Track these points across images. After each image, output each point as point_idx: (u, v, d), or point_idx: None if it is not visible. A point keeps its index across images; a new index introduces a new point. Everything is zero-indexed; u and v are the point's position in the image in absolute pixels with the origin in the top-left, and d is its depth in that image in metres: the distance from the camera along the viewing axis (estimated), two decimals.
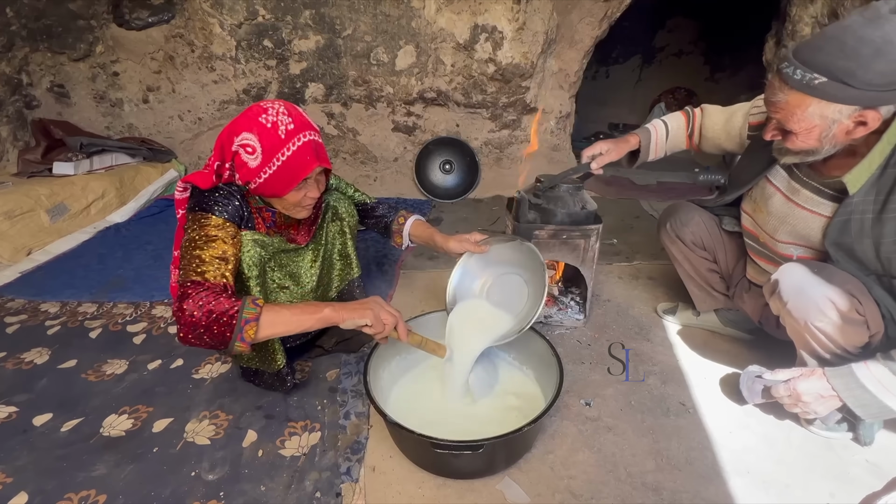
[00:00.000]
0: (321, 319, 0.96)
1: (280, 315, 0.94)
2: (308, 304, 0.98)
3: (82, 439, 1.09)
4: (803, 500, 0.95)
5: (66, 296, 1.72)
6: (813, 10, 2.28)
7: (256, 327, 0.90)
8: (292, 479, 0.99)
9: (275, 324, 0.93)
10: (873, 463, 1.03)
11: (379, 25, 2.51)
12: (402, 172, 2.88)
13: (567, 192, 1.39)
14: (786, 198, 1.10)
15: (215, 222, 0.99)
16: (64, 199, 2.24)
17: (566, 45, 2.74)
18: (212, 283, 0.93)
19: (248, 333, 0.90)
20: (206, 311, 0.88)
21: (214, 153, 1.03)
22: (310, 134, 1.02)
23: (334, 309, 0.97)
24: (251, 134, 0.97)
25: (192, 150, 2.93)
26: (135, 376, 1.30)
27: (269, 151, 0.98)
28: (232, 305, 0.90)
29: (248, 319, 0.90)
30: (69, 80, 2.75)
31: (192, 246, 0.96)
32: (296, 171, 1.00)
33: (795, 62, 0.84)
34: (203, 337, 0.89)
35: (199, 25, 2.55)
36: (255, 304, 0.92)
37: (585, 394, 1.23)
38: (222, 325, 0.88)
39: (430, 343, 1.11)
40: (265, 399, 1.20)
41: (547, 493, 0.96)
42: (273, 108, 1.00)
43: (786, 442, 1.09)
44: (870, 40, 0.76)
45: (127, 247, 2.13)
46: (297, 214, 1.10)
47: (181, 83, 2.73)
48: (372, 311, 0.98)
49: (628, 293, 1.74)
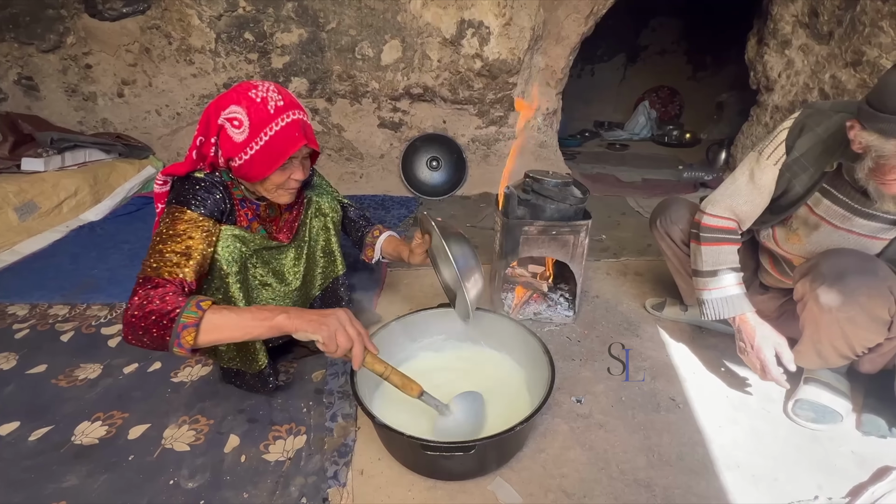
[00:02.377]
0: (273, 328, 0.85)
1: (225, 320, 0.84)
2: (262, 309, 0.87)
3: (52, 448, 1.03)
4: (792, 493, 0.96)
5: (36, 297, 1.64)
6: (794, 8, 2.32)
7: (196, 333, 0.82)
8: (277, 485, 0.95)
9: (219, 329, 0.84)
10: (858, 454, 1.05)
11: (364, 19, 2.46)
12: (389, 169, 2.84)
13: (556, 188, 1.38)
14: (834, 227, 1.07)
15: (189, 217, 0.95)
16: (33, 196, 2.14)
17: (553, 42, 2.74)
18: (165, 279, 0.88)
19: (185, 339, 0.82)
20: (147, 312, 0.82)
21: (199, 128, 0.99)
22: (299, 113, 0.99)
23: (289, 317, 0.85)
24: (239, 107, 0.94)
25: (170, 146, 2.84)
26: (109, 381, 1.25)
27: (257, 126, 0.94)
28: (174, 307, 0.83)
29: (187, 324, 0.82)
30: (38, 72, 2.63)
31: (157, 240, 0.92)
32: (283, 148, 0.96)
33: None
34: (143, 339, 0.83)
35: (177, 17, 2.46)
36: (198, 306, 0.84)
37: (576, 391, 1.22)
38: (161, 327, 0.82)
39: (396, 375, 0.92)
40: (248, 402, 1.16)
41: (539, 493, 0.95)
42: (263, 85, 0.97)
43: (773, 435, 1.10)
44: None
45: (101, 246, 2.04)
46: (279, 199, 1.06)
47: (158, 77, 2.64)
48: (328, 327, 0.85)
49: (616, 289, 1.74)
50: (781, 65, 2.44)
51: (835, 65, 2.11)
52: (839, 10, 2.07)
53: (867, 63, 1.92)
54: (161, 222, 0.96)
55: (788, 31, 2.37)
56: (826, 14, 2.13)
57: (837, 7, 2.07)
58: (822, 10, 2.15)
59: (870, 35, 1.88)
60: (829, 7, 2.11)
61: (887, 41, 1.83)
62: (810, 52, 2.27)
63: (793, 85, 2.37)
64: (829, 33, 2.15)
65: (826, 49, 2.17)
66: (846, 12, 2.03)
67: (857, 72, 1.98)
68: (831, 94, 2.12)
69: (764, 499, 0.95)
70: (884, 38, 1.84)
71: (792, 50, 2.37)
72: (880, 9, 1.84)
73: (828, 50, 2.16)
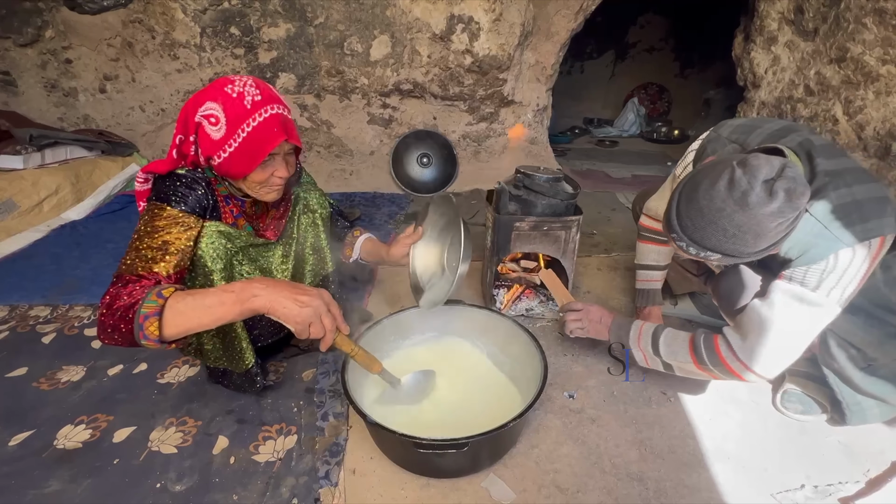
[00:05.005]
0: (244, 311, 0.79)
1: (187, 306, 0.78)
2: (233, 289, 0.80)
3: (33, 453, 1.00)
4: (781, 483, 0.97)
5: (15, 299, 1.59)
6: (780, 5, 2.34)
7: (159, 322, 0.77)
8: (267, 486, 0.94)
9: (183, 315, 0.78)
10: (845, 444, 1.07)
11: (352, 14, 2.43)
12: (379, 166, 2.82)
13: (547, 184, 1.38)
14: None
15: (168, 213, 0.92)
16: (12, 194, 2.08)
17: (542, 38, 2.74)
18: (138, 275, 0.85)
19: (149, 329, 0.76)
20: (114, 308, 0.79)
21: (178, 126, 0.96)
22: (278, 107, 0.96)
23: (267, 298, 0.80)
24: (215, 104, 0.91)
25: (154, 142, 2.78)
26: (93, 383, 1.21)
27: (234, 122, 0.91)
28: (138, 299, 0.78)
29: (148, 314, 0.77)
30: (15, 66, 2.55)
31: (135, 237, 0.90)
32: (261, 144, 0.93)
33: (686, 239, 0.86)
34: (114, 336, 0.79)
35: (160, 10, 2.41)
36: (158, 295, 0.79)
37: (568, 386, 1.23)
38: (127, 321, 0.77)
39: (360, 355, 0.96)
40: (237, 402, 1.14)
41: (533, 489, 0.95)
42: (241, 80, 0.94)
43: (762, 427, 1.11)
44: (748, 228, 0.79)
45: (84, 246, 1.99)
46: (264, 196, 1.03)
47: (141, 72, 2.58)
48: (303, 316, 0.80)
49: (608, 284, 1.75)
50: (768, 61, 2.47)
51: (820, 61, 2.14)
52: (824, 6, 2.09)
53: (851, 59, 1.94)
54: (140, 220, 0.93)
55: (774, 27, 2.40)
56: (811, 11, 2.16)
57: (822, 4, 2.10)
58: (807, 7, 2.17)
59: (854, 32, 1.91)
60: (814, 4, 2.13)
61: (870, 38, 1.86)
62: (796, 48, 2.30)
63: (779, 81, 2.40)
64: (814, 30, 2.17)
65: (811, 46, 2.20)
66: (831, 9, 2.05)
67: (842, 68, 2.01)
68: (816, 90, 2.15)
69: (753, 489, 0.96)
70: (867, 35, 1.87)
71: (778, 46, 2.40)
72: (864, 6, 1.86)
73: (813, 46, 2.19)
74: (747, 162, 0.80)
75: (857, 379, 1.01)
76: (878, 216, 0.84)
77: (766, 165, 0.79)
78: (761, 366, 0.93)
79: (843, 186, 0.86)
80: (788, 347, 0.92)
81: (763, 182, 0.78)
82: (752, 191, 0.78)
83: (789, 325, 0.90)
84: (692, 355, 1.03)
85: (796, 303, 0.89)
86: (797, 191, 0.78)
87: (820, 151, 0.90)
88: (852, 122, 1.99)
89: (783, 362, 0.94)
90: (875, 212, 0.85)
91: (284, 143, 0.97)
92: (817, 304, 0.88)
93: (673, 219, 0.88)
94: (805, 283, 0.89)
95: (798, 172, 0.81)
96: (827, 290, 0.87)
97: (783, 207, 0.77)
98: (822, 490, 0.95)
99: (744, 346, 0.95)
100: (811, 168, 0.89)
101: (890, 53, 1.83)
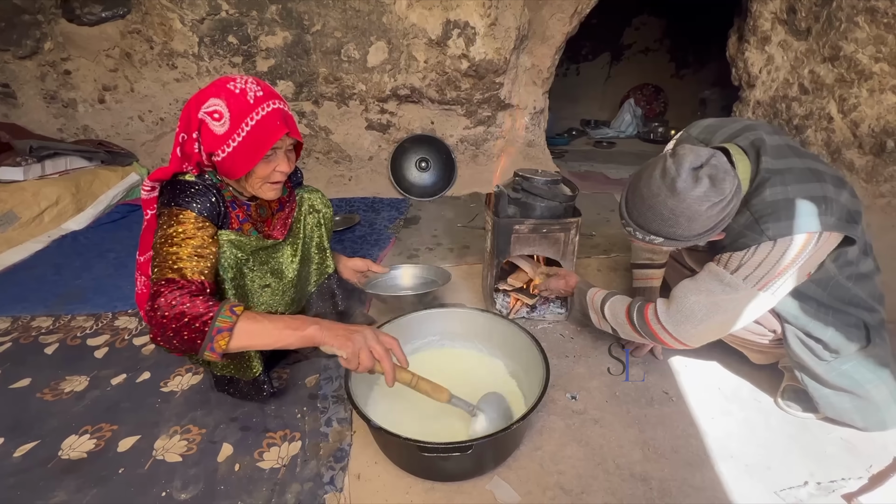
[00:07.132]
0: (304, 338, 0.88)
1: (259, 327, 0.86)
2: (294, 319, 0.90)
3: (38, 464, 1.01)
4: (784, 481, 0.97)
5: (18, 310, 1.60)
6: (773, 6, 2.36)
7: (229, 338, 0.84)
8: (272, 492, 0.94)
9: (252, 336, 0.86)
10: (847, 440, 1.07)
11: (349, 21, 2.45)
12: (378, 171, 2.83)
13: (546, 186, 1.38)
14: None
15: (192, 218, 0.94)
16: (13, 206, 2.09)
17: (538, 41, 2.75)
18: (188, 280, 0.87)
19: (218, 344, 0.83)
20: (178, 313, 0.82)
21: (180, 125, 0.97)
22: (279, 102, 0.98)
23: (320, 328, 0.88)
24: (219, 99, 0.93)
25: (154, 152, 2.79)
26: (97, 393, 1.22)
27: (238, 116, 0.93)
28: (207, 310, 0.83)
29: (221, 329, 0.83)
30: (15, 79, 2.57)
31: (168, 242, 0.91)
32: (265, 137, 0.95)
33: (633, 224, 0.96)
34: (172, 340, 0.83)
35: (158, 20, 2.42)
36: (231, 311, 0.85)
37: (571, 387, 1.23)
38: (193, 330, 0.82)
39: (424, 383, 0.95)
40: (240, 410, 1.14)
41: (537, 491, 0.95)
42: (241, 78, 0.97)
43: (765, 425, 1.12)
44: (681, 212, 0.88)
45: (85, 255, 2.00)
46: (266, 194, 1.05)
47: (140, 82, 2.60)
48: (353, 344, 0.87)
49: (607, 285, 1.74)
50: (762, 61, 2.49)
51: (813, 60, 2.15)
52: (816, 6, 2.11)
53: (844, 58, 1.96)
54: (162, 225, 0.94)
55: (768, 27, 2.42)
56: (804, 10, 2.18)
57: (814, 3, 2.12)
58: (799, 7, 2.19)
59: (846, 30, 1.93)
60: (807, 3, 2.15)
61: (862, 36, 1.88)
62: (789, 47, 2.32)
63: (773, 80, 2.42)
64: (807, 29, 2.19)
65: (804, 45, 2.22)
66: (823, 8, 2.07)
67: (835, 66, 2.02)
68: (811, 88, 2.17)
69: (757, 487, 0.96)
70: (859, 34, 1.89)
71: (771, 46, 2.41)
72: (855, 5, 1.88)
73: (806, 46, 2.21)
74: (677, 152, 0.90)
75: (820, 370, 1.02)
76: (808, 215, 0.89)
77: (691, 154, 0.88)
78: (680, 331, 1.04)
79: (779, 185, 0.91)
80: (707, 319, 1.01)
81: (690, 169, 0.87)
82: (679, 177, 0.87)
83: (707, 298, 1.00)
84: (627, 318, 1.15)
85: (716, 281, 0.99)
86: (719, 176, 0.86)
87: (769, 151, 0.95)
88: (847, 119, 2.01)
89: (702, 332, 1.04)
90: (805, 211, 0.89)
91: (286, 138, 0.99)
92: (733, 286, 0.96)
93: (622, 206, 0.99)
94: (727, 266, 0.98)
95: (722, 161, 0.89)
96: (743, 275, 0.95)
97: (708, 192, 0.86)
98: (826, 487, 0.96)
99: (667, 312, 1.06)
100: (757, 166, 0.95)
101: (882, 51, 1.84)
